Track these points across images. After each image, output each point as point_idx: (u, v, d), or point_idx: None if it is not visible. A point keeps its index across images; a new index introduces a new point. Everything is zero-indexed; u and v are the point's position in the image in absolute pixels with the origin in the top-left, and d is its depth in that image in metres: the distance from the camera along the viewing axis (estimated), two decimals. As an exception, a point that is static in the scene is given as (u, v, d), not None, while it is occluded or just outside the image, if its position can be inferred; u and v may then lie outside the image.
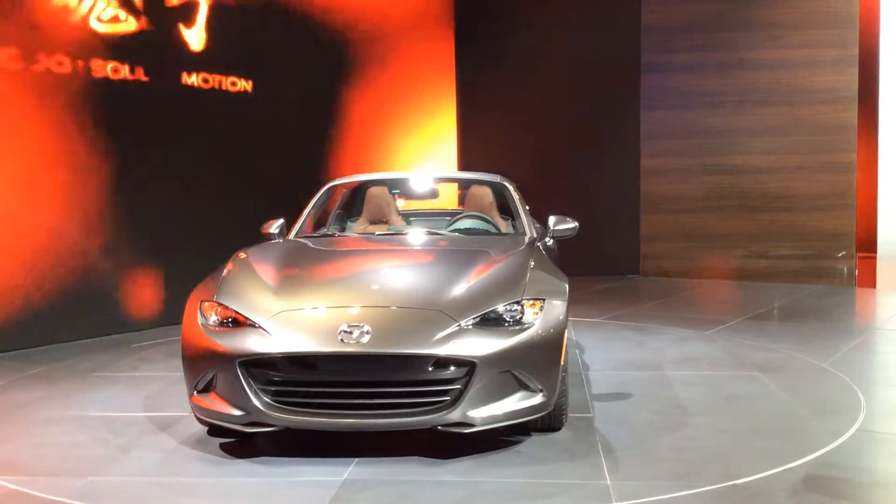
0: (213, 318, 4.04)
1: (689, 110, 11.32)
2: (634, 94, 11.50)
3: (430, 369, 3.76)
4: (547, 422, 4.20)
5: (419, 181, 6.44)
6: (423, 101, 11.49)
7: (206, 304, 4.12)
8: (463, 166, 11.02)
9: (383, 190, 6.06)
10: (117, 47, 7.29)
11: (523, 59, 12.07)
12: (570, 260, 7.15)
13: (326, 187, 5.96)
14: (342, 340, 3.74)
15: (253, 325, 3.90)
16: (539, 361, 3.94)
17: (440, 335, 3.78)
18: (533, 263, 4.39)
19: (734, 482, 3.54)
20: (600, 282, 10.73)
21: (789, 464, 3.75)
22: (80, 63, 7.03)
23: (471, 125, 12.39)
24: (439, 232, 5.41)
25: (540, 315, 4.01)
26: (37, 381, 5.68)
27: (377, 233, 5.52)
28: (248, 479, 3.70)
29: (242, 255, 4.60)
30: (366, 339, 3.74)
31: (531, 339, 3.92)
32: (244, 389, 3.80)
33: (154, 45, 7.60)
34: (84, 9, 7.06)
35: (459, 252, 4.75)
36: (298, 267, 4.46)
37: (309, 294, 4.10)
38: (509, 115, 12.14)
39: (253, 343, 3.83)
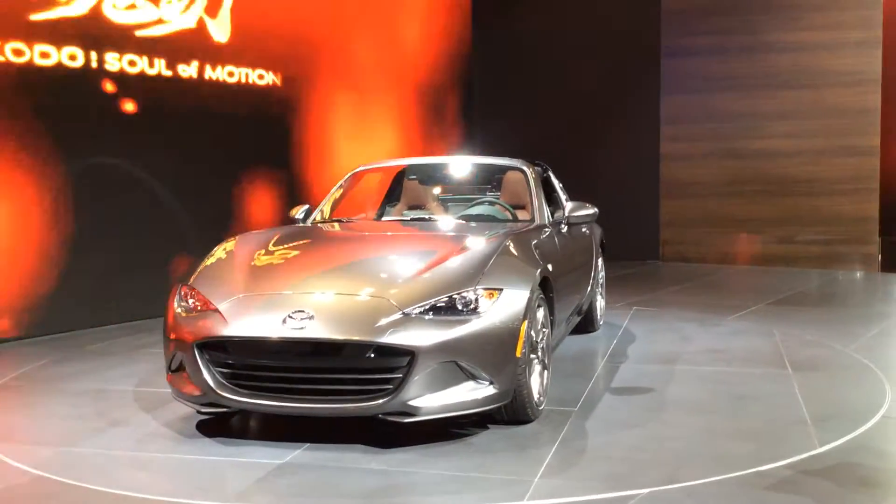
0: (186, 302, 4.19)
1: (709, 94, 11.04)
2: (654, 78, 11.27)
3: (371, 357, 3.75)
4: (511, 414, 4.10)
5: (439, 167, 6.37)
6: (442, 86, 11.62)
7: (183, 287, 4.29)
8: (481, 152, 11.05)
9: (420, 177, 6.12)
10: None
11: (542, 43, 12.05)
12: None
13: (350, 174, 6.03)
14: (286, 326, 3.80)
15: (214, 310, 4.03)
16: (489, 352, 3.85)
17: (381, 323, 3.76)
18: (504, 251, 4.27)
19: (666, 487, 3.33)
20: (620, 267, 10.54)
21: (744, 470, 3.50)
22: (94, 55, 7.07)
23: (489, 110, 12.41)
24: (439, 219, 5.37)
25: (493, 305, 3.91)
26: (90, 355, 6.10)
27: (385, 219, 5.55)
28: (199, 457, 3.82)
29: (231, 240, 4.73)
30: (308, 324, 3.78)
31: (480, 329, 3.83)
32: (200, 371, 3.93)
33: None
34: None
35: (433, 239, 4.68)
36: (274, 253, 4.53)
37: (269, 279, 4.17)
38: (529, 100, 12.14)
39: (208, 326, 3.94)
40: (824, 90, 10.65)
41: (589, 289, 6.23)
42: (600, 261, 6.89)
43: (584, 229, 6.21)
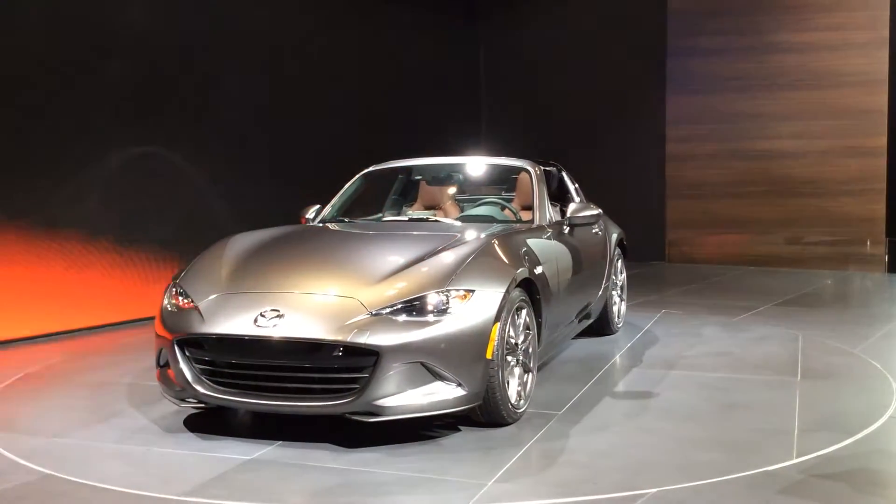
0: (173, 299, 4.31)
1: (715, 95, 10.94)
2: (660, 79, 11.20)
3: (338, 357, 3.79)
4: (487, 416, 4.09)
5: (448, 168, 6.35)
6: (447, 87, 11.76)
7: (172, 285, 4.41)
8: (489, 153, 11.15)
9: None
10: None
11: (548, 44, 12.08)
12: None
13: (360, 175, 6.08)
14: (257, 325, 3.87)
15: (195, 307, 4.13)
16: (457, 354, 3.85)
17: (348, 323, 3.80)
18: (482, 253, 4.25)
19: (615, 494, 3.28)
20: (626, 268, 10.48)
21: (701, 480, 3.41)
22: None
23: (495, 110, 12.51)
24: (439, 220, 5.38)
25: (463, 306, 3.90)
26: (121, 348, 6.31)
27: (389, 218, 5.60)
28: (175, 450, 3.93)
29: (225, 240, 4.83)
30: (277, 323, 3.84)
31: (448, 330, 3.84)
32: (179, 366, 4.04)
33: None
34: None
35: (420, 240, 4.66)
36: (261, 252, 4.59)
37: (249, 278, 4.25)
38: (534, 101, 12.17)
39: (187, 323, 4.05)
40: (831, 91, 10.53)
41: (600, 291, 6.14)
42: (620, 262, 6.79)
43: (595, 230, 6.12)
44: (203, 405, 4.09)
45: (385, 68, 10.57)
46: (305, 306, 3.94)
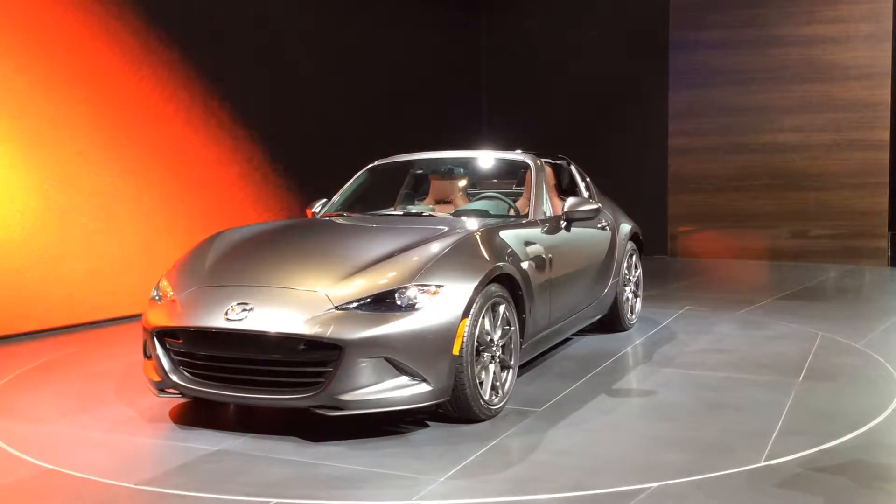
0: (159, 292, 4.40)
1: (718, 88, 10.83)
2: (663, 72, 11.07)
3: (302, 350, 3.81)
4: (458, 412, 4.07)
5: (448, 162, 6.30)
6: (451, 82, 11.81)
7: (162, 278, 4.50)
8: (490, 146, 11.12)
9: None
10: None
11: (550, 37, 12.05)
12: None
13: (365, 169, 6.10)
14: (227, 318, 3.92)
15: (174, 300, 4.20)
16: (421, 349, 3.84)
17: (313, 316, 3.82)
18: (456, 248, 4.21)
19: (563, 494, 3.22)
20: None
21: (660, 482, 3.33)
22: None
23: (497, 103, 12.50)
24: (433, 214, 5.35)
25: (432, 301, 3.88)
26: (132, 340, 6.45)
27: (382, 213, 5.60)
28: (147, 439, 4.02)
29: (214, 235, 4.89)
30: (246, 316, 3.89)
31: (414, 325, 3.83)
32: (158, 357, 4.13)
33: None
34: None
35: (402, 234, 4.62)
36: (245, 246, 4.64)
37: (227, 272, 4.31)
38: (536, 95, 12.14)
39: (164, 316, 4.13)
40: (834, 84, 10.37)
41: (607, 287, 6.03)
42: (634, 258, 6.66)
43: (601, 225, 6.02)
44: (181, 396, 4.17)
45: (386, 63, 10.58)
46: (274, 300, 3.97)
